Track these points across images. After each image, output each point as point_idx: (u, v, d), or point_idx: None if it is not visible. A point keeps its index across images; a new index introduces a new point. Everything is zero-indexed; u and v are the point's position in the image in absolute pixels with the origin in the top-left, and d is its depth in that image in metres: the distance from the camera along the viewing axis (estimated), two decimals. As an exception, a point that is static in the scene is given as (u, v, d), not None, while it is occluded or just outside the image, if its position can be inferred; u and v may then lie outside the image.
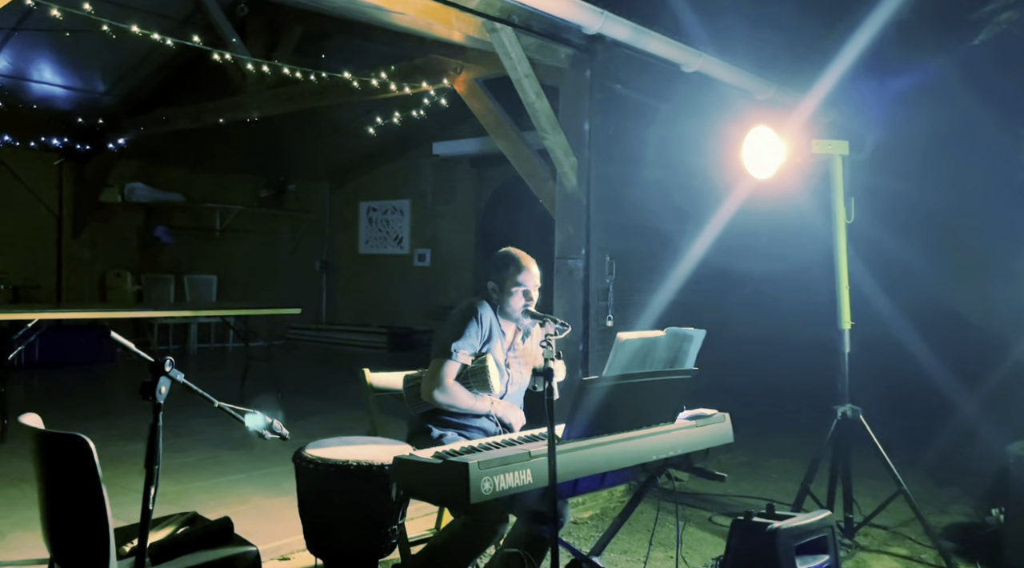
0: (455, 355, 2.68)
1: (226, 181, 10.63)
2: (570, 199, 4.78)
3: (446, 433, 2.77)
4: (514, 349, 2.91)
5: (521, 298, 2.79)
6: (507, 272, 2.81)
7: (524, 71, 4.41)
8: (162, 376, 1.71)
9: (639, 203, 4.94)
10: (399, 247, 11.27)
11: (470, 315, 2.74)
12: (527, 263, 2.84)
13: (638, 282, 4.90)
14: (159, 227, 9.88)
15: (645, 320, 4.76)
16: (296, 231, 11.54)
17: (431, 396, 2.68)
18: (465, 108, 6.74)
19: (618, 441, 2.42)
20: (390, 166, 11.26)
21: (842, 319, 3.67)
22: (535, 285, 2.83)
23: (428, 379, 2.70)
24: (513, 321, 2.85)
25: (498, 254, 2.89)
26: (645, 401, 2.51)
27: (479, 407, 2.75)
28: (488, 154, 9.72)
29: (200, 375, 8.90)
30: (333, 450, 2.44)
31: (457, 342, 2.69)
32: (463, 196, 10.65)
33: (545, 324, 2.56)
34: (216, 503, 3.89)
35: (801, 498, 3.61)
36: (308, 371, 8.85)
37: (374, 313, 11.28)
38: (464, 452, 2.23)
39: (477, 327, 2.72)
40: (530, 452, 2.20)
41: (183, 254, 10.21)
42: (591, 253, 4.71)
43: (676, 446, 2.63)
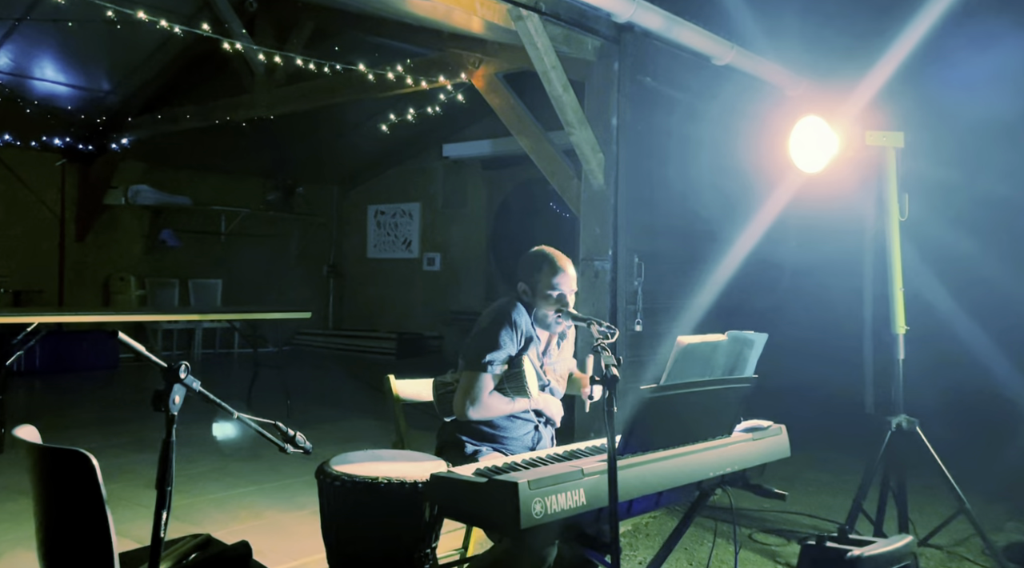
0: (490, 368, 2.47)
1: (233, 183, 10.52)
2: (597, 197, 4.59)
3: (481, 448, 2.56)
4: (549, 355, 2.69)
5: (556, 303, 2.57)
6: (540, 274, 2.58)
7: (551, 62, 4.20)
8: (176, 384, 1.49)
9: (670, 202, 4.75)
10: (408, 251, 11.16)
11: (503, 320, 2.52)
12: (563, 264, 2.61)
13: (669, 285, 4.69)
14: (164, 230, 9.74)
15: (677, 326, 4.57)
16: (304, 235, 11.44)
17: (464, 412, 2.48)
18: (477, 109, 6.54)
19: (676, 456, 2.22)
20: (399, 169, 11.15)
21: (896, 322, 3.44)
22: (571, 289, 2.62)
23: (461, 394, 2.49)
24: (546, 327, 2.63)
25: (530, 254, 2.67)
26: (705, 412, 2.31)
27: (519, 407, 2.54)
28: (500, 156, 9.67)
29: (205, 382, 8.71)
30: (360, 466, 2.23)
31: (492, 353, 2.48)
32: (474, 199, 10.53)
33: (590, 327, 2.36)
34: (228, 518, 3.67)
35: (854, 516, 3.37)
36: (316, 378, 8.70)
37: (383, 319, 11.18)
38: (508, 469, 2.01)
39: (512, 332, 2.51)
40: (583, 469, 1.98)
41: (188, 258, 10.08)
42: (619, 254, 4.51)
43: (734, 461, 2.43)
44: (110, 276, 9.45)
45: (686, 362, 2.17)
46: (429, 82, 5.66)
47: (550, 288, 2.57)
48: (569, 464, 2.07)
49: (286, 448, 2.01)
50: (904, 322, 3.46)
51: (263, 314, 5.96)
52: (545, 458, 2.18)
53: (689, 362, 2.18)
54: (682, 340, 2.15)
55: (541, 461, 2.15)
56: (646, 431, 2.13)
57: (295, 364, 10.17)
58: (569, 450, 2.30)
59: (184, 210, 9.90)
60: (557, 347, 2.71)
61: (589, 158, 4.52)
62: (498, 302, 2.66)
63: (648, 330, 4.57)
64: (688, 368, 2.19)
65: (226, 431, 4.83)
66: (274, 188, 10.86)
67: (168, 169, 9.71)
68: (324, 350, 10.98)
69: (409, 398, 2.80)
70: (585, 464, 2.04)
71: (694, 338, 2.19)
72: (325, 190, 11.69)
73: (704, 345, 2.20)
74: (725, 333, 2.31)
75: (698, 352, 2.19)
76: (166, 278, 9.83)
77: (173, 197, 9.65)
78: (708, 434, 2.36)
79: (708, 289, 4.68)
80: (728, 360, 2.35)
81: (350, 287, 11.81)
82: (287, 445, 2.01)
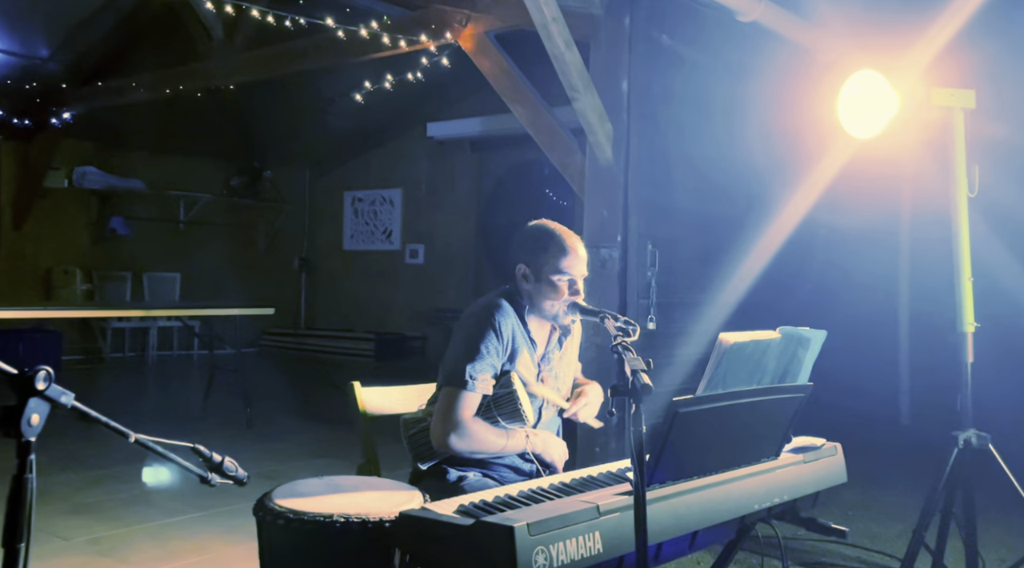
0: (472, 383, 2.13)
1: (192, 166, 10.26)
2: (604, 175, 4.30)
3: (466, 474, 2.21)
4: (548, 359, 2.34)
5: (563, 290, 2.22)
6: (546, 255, 2.24)
7: (551, 14, 3.85)
8: (33, 398, 1.12)
9: (690, 181, 4.49)
10: (389, 242, 10.99)
11: (486, 325, 2.19)
12: (573, 243, 2.27)
13: (688, 277, 4.44)
14: (114, 217, 9.45)
15: (697, 324, 4.32)
16: (272, 224, 11.21)
17: (446, 443, 2.14)
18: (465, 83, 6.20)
19: (715, 486, 1.90)
20: (379, 150, 10.94)
21: (963, 319, 3.10)
22: (582, 274, 2.28)
23: (440, 420, 2.15)
24: (548, 319, 2.27)
25: (531, 229, 2.33)
26: (751, 429, 1.99)
27: (513, 447, 2.21)
28: (491, 136, 9.48)
29: (158, 387, 8.62)
30: (312, 500, 1.87)
31: (473, 363, 2.14)
32: (462, 185, 10.33)
33: (603, 322, 2.03)
34: (165, 554, 3.33)
35: (914, 553, 3.03)
36: (283, 383, 8.50)
37: (360, 317, 10.99)
38: (501, 505, 1.68)
39: (497, 341, 2.18)
40: (598, 506, 1.64)
41: (142, 249, 9.82)
42: (629, 240, 4.24)
43: (783, 490, 2.12)
44: (52, 268, 9.16)
45: (730, 366, 1.84)
46: (409, 43, 5.30)
47: (557, 273, 2.23)
48: (580, 499, 1.74)
49: (210, 478, 1.65)
50: (973, 318, 3.11)
51: (219, 310, 5.60)
52: (549, 490, 1.84)
53: (734, 366, 1.85)
54: (726, 338, 1.81)
55: (544, 494, 1.81)
56: (678, 454, 1.81)
57: (260, 368, 9.94)
58: (579, 478, 1.96)
59: (137, 195, 9.65)
60: (559, 347, 2.36)
61: (595, 128, 4.22)
62: (478, 302, 2.31)
63: (663, 328, 4.30)
64: (732, 374, 1.86)
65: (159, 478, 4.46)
66: (238, 171, 10.61)
67: (118, 149, 9.44)
68: (294, 352, 10.79)
69: (379, 411, 2.44)
70: (600, 498, 1.71)
71: (741, 335, 1.85)
72: (296, 174, 11.47)
73: (754, 345, 1.87)
74: (776, 329, 1.98)
75: (746, 353, 1.86)
76: (116, 271, 9.57)
77: (124, 180, 9.41)
78: (753, 457, 2.05)
79: (733, 282, 4.39)
80: (779, 363, 2.03)
81: (324, 282, 11.62)
82: (211, 474, 1.64)
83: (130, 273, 9.67)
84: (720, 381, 1.83)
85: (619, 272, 4.22)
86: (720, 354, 1.80)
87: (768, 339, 1.92)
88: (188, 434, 5.81)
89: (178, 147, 9.82)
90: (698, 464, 1.87)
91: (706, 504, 1.86)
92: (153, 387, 8.45)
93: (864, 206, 4.87)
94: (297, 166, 11.36)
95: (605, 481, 1.95)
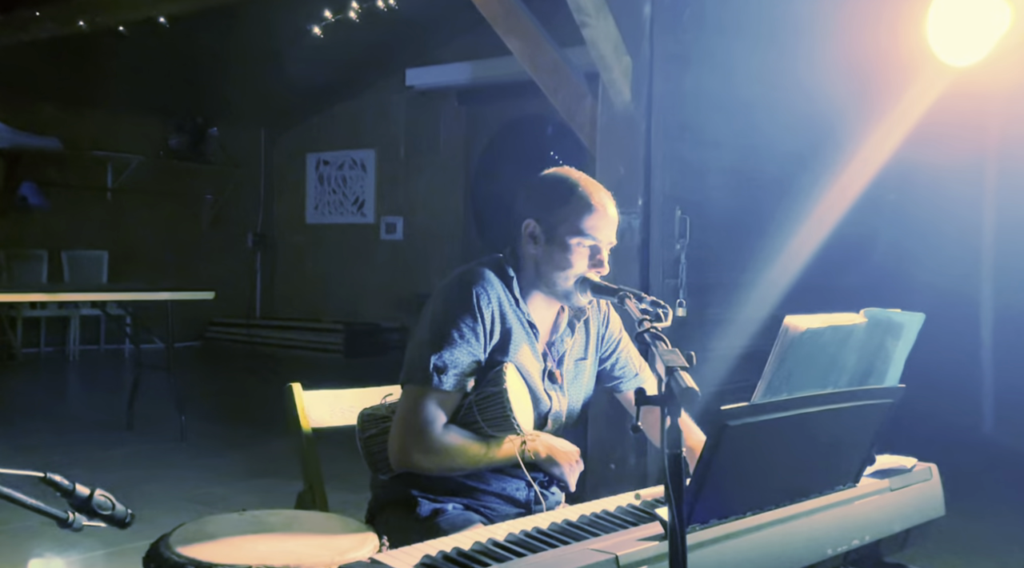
0: (441, 378, 1.89)
1: (121, 122, 10.16)
2: (621, 122, 4.14)
3: (445, 506, 1.96)
4: (558, 349, 2.08)
5: (583, 259, 1.97)
6: (565, 208, 1.98)
7: (555, -85, 3.59)
8: None
9: (728, 131, 4.36)
10: (360, 215, 10.99)
11: (460, 301, 1.94)
12: (601, 199, 2.01)
13: (726, 250, 4.34)
14: (24, 183, 9.31)
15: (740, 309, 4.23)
16: (220, 192, 11.10)
17: (408, 458, 1.90)
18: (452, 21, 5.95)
19: (775, 525, 1.71)
20: (348, 104, 10.89)
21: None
22: (609, 241, 2.02)
23: (400, 429, 1.91)
24: (558, 297, 2.02)
25: (548, 177, 2.07)
26: (824, 447, 1.80)
27: (500, 456, 1.95)
28: (483, 85, 9.44)
29: (78, 389, 8.46)
30: (223, 545, 1.64)
31: (441, 353, 1.90)
32: (449, 144, 10.26)
33: (623, 304, 1.79)
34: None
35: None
36: (231, 384, 8.43)
37: (326, 304, 10.96)
38: (482, 554, 1.45)
39: (475, 321, 1.93)
40: (617, 558, 1.44)
41: (61, 222, 9.71)
42: (652, 205, 4.10)
43: (864, 528, 1.92)
44: (-51, 245, 9.07)
45: (799, 361, 1.59)
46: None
47: (576, 234, 1.96)
48: (591, 546, 1.51)
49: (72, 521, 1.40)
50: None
51: (142, 294, 5.37)
52: (549, 532, 1.61)
53: (804, 361, 1.61)
54: (795, 324, 1.56)
55: (542, 538, 1.57)
56: (726, 483, 1.59)
57: (204, 365, 9.78)
58: (589, 515, 1.73)
59: (53, 157, 9.48)
60: (570, 333, 2.10)
61: (610, 63, 4.04)
62: (454, 273, 2.05)
63: (694, 315, 4.14)
64: (801, 372, 1.62)
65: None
66: (177, 128, 10.50)
67: (28, 99, 9.24)
68: (246, 346, 10.75)
69: (326, 424, 2.19)
70: (620, 545, 1.48)
71: (813, 319, 1.59)
72: (248, 132, 11.37)
73: (831, 332, 1.63)
74: (860, 311, 1.73)
75: (820, 344, 1.63)
76: (28, 248, 9.43)
77: (36, 138, 9.23)
78: (826, 484, 1.84)
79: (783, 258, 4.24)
80: (862, 357, 1.81)
81: (284, 262, 11.62)
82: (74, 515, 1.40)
83: (46, 251, 9.52)
84: (784, 381, 1.57)
85: (640, 245, 4.07)
86: (785, 345, 1.54)
87: (850, 324, 1.67)
88: (109, 446, 5.70)
89: (102, 98, 9.58)
90: (753, 496, 1.64)
91: (763, 550, 1.65)
92: (72, 389, 8.26)
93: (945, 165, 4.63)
94: (250, 122, 11.25)
95: (625, 519, 1.73)
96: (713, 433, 1.48)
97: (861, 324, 1.69)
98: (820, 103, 4.46)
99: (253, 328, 10.96)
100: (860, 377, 1.80)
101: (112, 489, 4.53)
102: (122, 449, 5.27)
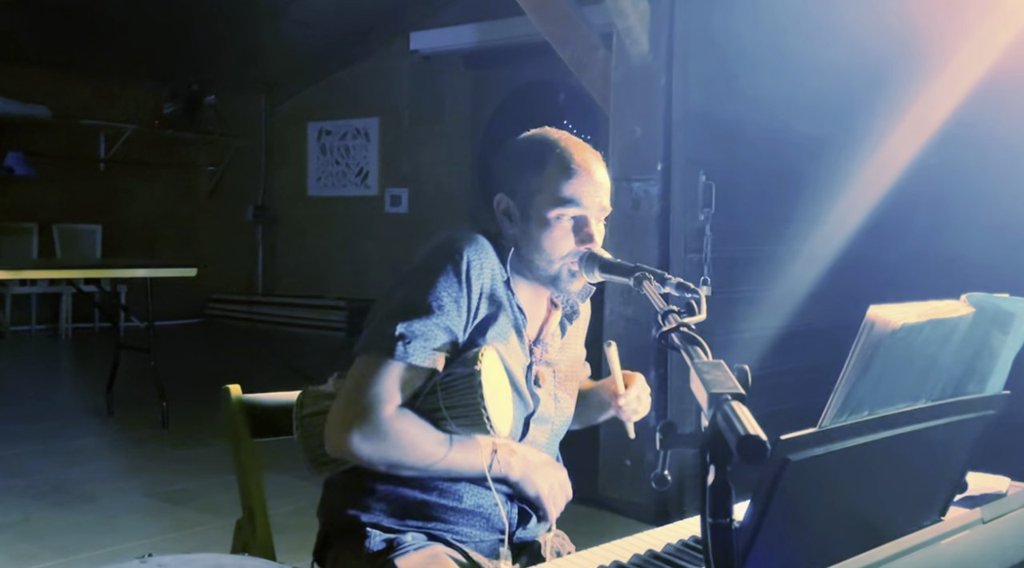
0: (404, 349, 1.50)
1: (113, 89, 9.95)
2: (637, 76, 3.81)
3: (401, 537, 1.56)
4: (543, 345, 1.70)
5: (567, 236, 1.60)
6: (539, 175, 1.62)
7: None
8: None
9: (762, 85, 4.01)
10: (364, 187, 10.80)
11: (442, 263, 1.57)
12: (583, 159, 1.63)
13: (757, 220, 4.01)
14: (10, 153, 9.07)
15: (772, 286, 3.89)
16: (218, 163, 10.91)
17: (346, 444, 1.50)
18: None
19: None
20: (351, 70, 10.64)
21: None
22: (600, 208, 1.64)
23: (342, 404, 1.52)
24: (545, 284, 1.65)
25: (520, 142, 1.71)
26: (905, 478, 1.42)
27: (463, 463, 1.55)
28: (490, 48, 9.20)
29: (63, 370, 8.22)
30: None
31: (411, 322, 1.51)
32: (455, 111, 10.04)
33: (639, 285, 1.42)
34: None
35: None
36: (227, 364, 8.13)
37: (329, 280, 10.82)
38: None
39: (459, 288, 1.55)
40: None
41: (52, 194, 9.49)
42: (673, 170, 3.77)
43: None
44: (-68, 219, 8.91)
45: (889, 368, 1.19)
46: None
47: (556, 204, 1.60)
48: None
49: None
50: None
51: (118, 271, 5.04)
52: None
53: (896, 369, 1.20)
54: (884, 317, 1.15)
55: None
56: (786, 536, 1.20)
57: (201, 344, 9.53)
58: (596, 558, 1.31)
59: (40, 125, 9.23)
60: (561, 333, 1.73)
61: (626, 8, 3.75)
62: (441, 234, 1.66)
63: (720, 295, 3.78)
64: (892, 382, 1.21)
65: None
66: (173, 96, 10.26)
67: (15, 67, 9.00)
68: (246, 323, 10.59)
69: (275, 434, 1.79)
70: None
71: (908, 311, 1.17)
72: (247, 100, 11.15)
73: (934, 327, 1.22)
74: (963, 297, 1.31)
75: (920, 343, 1.23)
76: (16, 221, 9.17)
77: (23, 106, 8.97)
78: (908, 522, 1.48)
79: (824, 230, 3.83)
80: (959, 357, 1.38)
81: (285, 236, 11.45)
82: None
83: (36, 225, 9.28)
84: (867, 396, 1.16)
85: (658, 214, 3.76)
86: (871, 347, 1.12)
87: (956, 316, 1.25)
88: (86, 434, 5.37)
89: (93, 63, 9.43)
90: (818, 548, 1.24)
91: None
92: (58, 370, 7.99)
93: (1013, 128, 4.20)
94: (248, 90, 11.06)
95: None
96: (771, 473, 1.06)
97: (967, 315, 1.26)
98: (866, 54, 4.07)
99: (254, 305, 10.80)
100: (956, 384, 1.38)
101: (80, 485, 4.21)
102: (98, 438, 4.95)
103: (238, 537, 1.73)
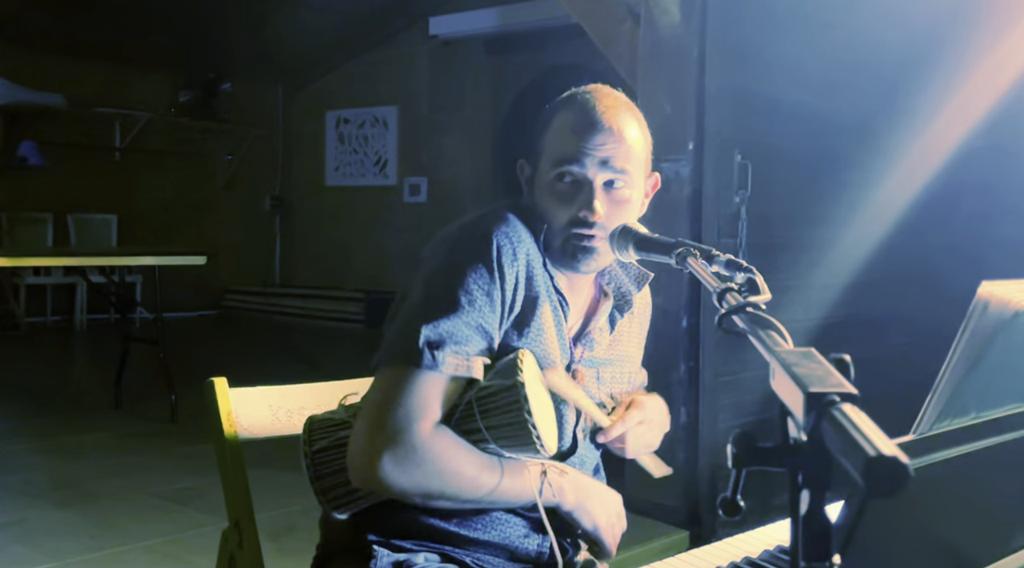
0: (435, 357, 1.28)
1: (129, 77, 9.87)
2: (667, 48, 3.59)
3: (412, 558, 1.36)
4: (589, 342, 1.46)
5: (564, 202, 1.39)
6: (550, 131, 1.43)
7: None
8: None
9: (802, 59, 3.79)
10: (383, 176, 10.73)
11: (478, 250, 1.35)
12: (605, 108, 1.39)
13: (796, 204, 3.78)
14: (24, 142, 9.00)
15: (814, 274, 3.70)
16: (235, 152, 10.84)
17: (376, 472, 1.28)
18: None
19: None
20: (369, 57, 10.57)
21: None
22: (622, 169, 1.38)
23: (368, 427, 1.30)
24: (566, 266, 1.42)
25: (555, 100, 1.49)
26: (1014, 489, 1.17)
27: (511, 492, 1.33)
28: (512, 33, 9.15)
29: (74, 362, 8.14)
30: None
31: (438, 322, 1.30)
32: (475, 99, 9.95)
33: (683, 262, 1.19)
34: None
35: None
36: (242, 356, 7.92)
37: (347, 271, 10.74)
38: None
39: (492, 281, 1.33)
40: None
41: (65, 183, 9.40)
42: (706, 149, 3.57)
43: None
44: (-53, 207, 8.86)
45: (1005, 360, 0.97)
46: None
47: (557, 163, 1.38)
48: None
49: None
50: None
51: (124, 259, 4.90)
52: None
53: (1012, 360, 0.97)
54: (1000, 297, 0.92)
55: None
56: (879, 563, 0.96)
57: (217, 336, 9.45)
58: None
59: (55, 114, 9.13)
60: (610, 327, 1.49)
61: None
62: (465, 217, 1.45)
63: None
64: (1007, 376, 0.99)
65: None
66: (189, 84, 10.21)
67: (29, 53, 8.94)
68: (263, 315, 10.52)
69: (265, 432, 1.62)
70: None
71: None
72: (264, 89, 11.09)
73: None
74: None
75: None
76: (29, 211, 9.12)
77: (38, 95, 8.88)
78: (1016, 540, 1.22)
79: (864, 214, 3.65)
80: None
81: (302, 227, 11.38)
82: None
83: (51, 214, 9.23)
84: (979, 392, 0.96)
85: (690, 197, 3.55)
86: (985, 335, 0.91)
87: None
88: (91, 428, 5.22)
89: (109, 51, 9.35)
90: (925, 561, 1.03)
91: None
92: (69, 362, 7.91)
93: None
94: (266, 78, 11.00)
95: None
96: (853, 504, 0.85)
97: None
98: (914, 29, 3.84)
99: (271, 297, 10.73)
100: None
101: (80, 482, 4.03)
102: (103, 433, 4.78)
103: (224, 549, 1.54)
